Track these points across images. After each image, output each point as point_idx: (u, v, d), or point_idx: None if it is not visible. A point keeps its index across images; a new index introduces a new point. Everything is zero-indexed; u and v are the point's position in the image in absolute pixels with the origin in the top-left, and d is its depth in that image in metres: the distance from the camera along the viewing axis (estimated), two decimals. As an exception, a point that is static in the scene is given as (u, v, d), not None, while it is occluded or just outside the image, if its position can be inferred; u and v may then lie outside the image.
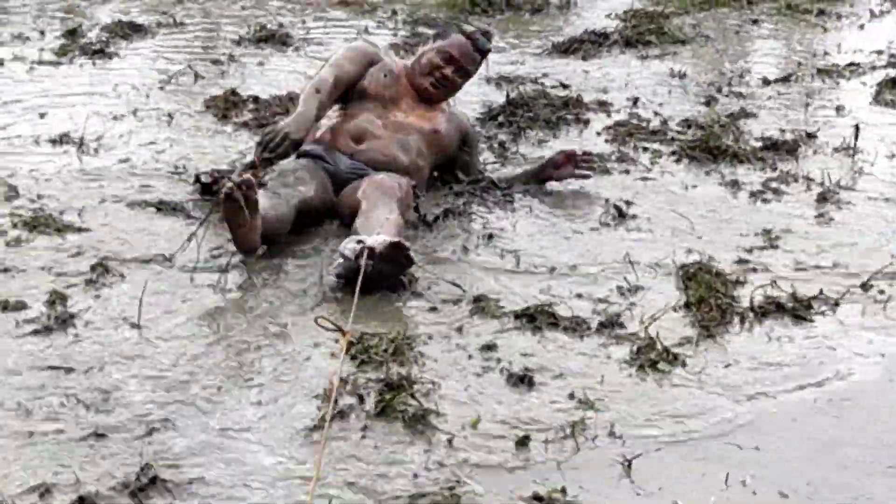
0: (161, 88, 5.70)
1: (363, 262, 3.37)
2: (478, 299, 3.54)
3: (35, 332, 3.22)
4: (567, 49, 6.74)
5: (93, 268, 3.61)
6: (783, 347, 3.39)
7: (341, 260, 3.52)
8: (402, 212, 3.91)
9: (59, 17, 7.05)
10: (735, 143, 5.01)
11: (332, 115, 4.27)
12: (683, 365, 3.24)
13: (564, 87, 5.93)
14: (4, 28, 6.79)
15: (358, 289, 3.27)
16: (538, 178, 4.47)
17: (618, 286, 3.70)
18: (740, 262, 3.93)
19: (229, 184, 3.46)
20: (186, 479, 2.61)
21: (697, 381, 3.18)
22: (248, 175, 3.57)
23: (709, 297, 3.56)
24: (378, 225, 3.68)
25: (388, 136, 4.18)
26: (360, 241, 3.52)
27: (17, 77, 5.83)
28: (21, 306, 3.34)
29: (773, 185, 4.65)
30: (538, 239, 4.09)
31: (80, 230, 3.90)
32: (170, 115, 5.26)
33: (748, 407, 3.06)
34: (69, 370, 3.04)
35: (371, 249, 3.45)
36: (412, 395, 2.98)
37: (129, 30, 6.72)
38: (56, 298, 3.38)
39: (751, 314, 3.54)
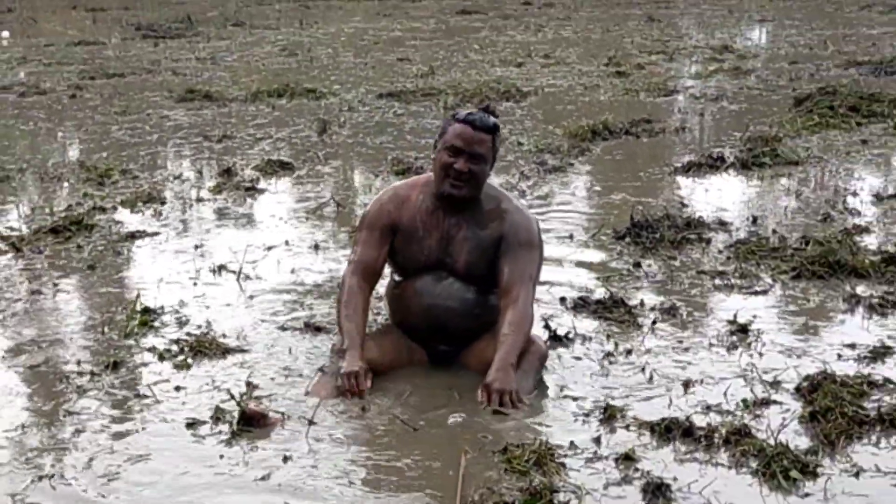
0: (306, 219, 6.00)
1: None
2: (612, 410, 3.58)
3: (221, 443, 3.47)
4: (687, 170, 6.80)
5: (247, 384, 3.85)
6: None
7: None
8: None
9: (216, 158, 7.38)
10: (852, 257, 4.94)
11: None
12: (815, 475, 3.20)
13: (685, 206, 5.95)
14: (167, 171, 7.16)
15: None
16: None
17: (743, 399, 3.66)
18: (861, 374, 3.84)
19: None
20: None
21: (824, 492, 3.14)
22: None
23: (835, 406, 3.50)
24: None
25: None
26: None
27: (176, 214, 6.14)
28: (197, 423, 3.57)
29: (893, 298, 4.57)
30: (667, 355, 4.09)
31: (240, 351, 4.17)
32: (316, 245, 5.56)
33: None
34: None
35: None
36: None
37: (278, 167, 7.05)
38: (220, 415, 3.60)
39: (879, 424, 3.47)
